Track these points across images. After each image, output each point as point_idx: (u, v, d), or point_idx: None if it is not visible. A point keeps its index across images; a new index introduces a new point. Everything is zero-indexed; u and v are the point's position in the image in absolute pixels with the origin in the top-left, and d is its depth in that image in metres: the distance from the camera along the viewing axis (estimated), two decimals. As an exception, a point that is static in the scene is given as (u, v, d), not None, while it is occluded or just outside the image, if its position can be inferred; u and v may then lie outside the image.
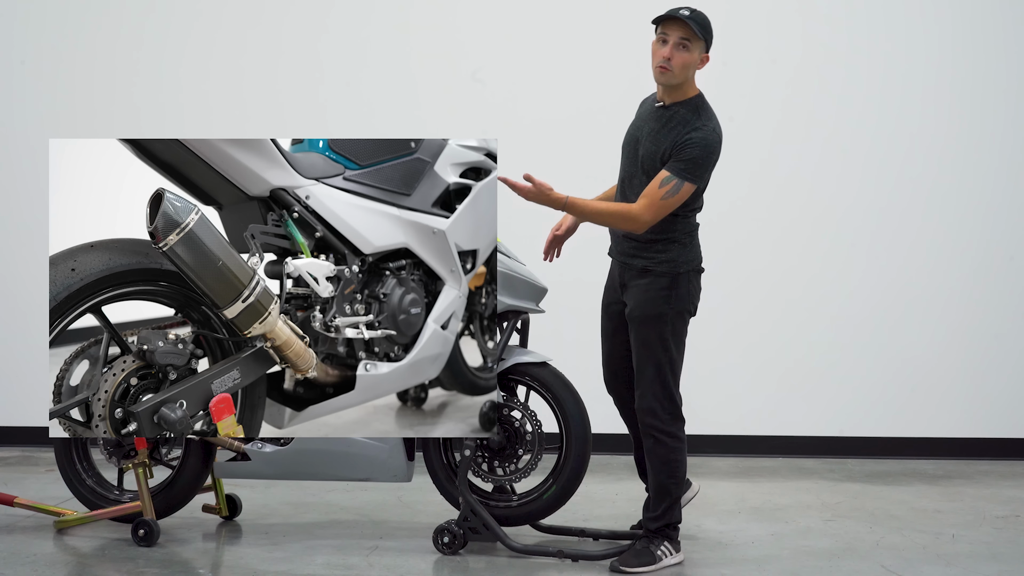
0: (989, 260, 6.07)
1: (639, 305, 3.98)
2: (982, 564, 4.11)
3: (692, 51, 3.87)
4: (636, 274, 4.01)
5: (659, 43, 3.90)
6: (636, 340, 4.01)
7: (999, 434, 6.08)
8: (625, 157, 4.07)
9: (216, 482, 4.62)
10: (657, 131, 3.93)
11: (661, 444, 4.01)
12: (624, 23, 6.12)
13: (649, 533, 4.08)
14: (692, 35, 3.86)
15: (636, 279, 4.01)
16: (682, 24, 3.86)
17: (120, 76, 6.20)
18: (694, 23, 3.85)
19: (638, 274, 4.00)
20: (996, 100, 6.05)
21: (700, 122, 3.89)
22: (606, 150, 6.11)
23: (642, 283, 3.99)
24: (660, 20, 3.90)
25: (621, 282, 4.09)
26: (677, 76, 3.88)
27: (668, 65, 3.86)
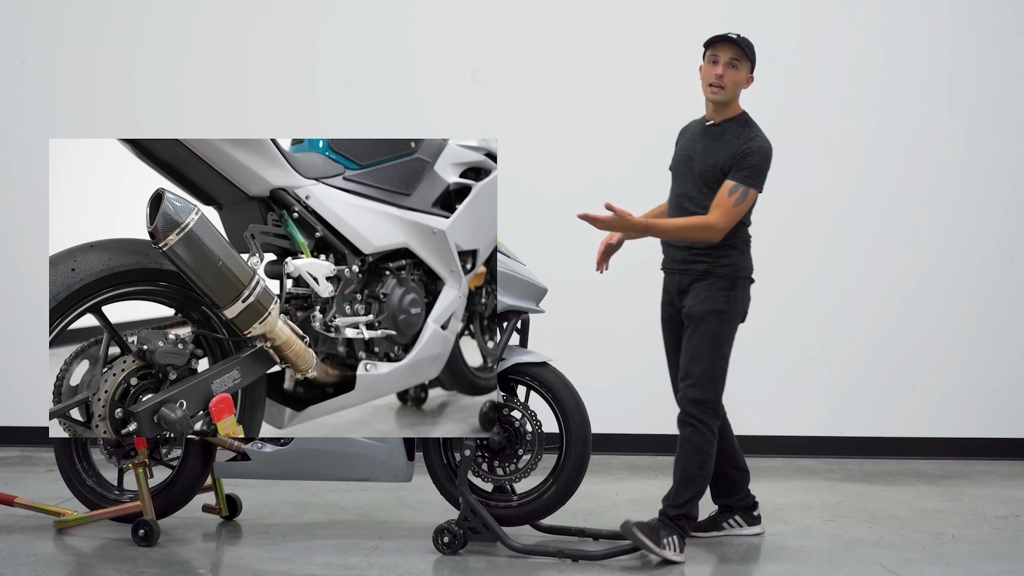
0: (989, 260, 6.08)
1: (700, 302, 4.17)
2: (982, 564, 4.11)
3: (740, 70, 4.16)
4: (698, 277, 4.20)
5: (709, 63, 4.19)
6: (693, 335, 4.17)
7: (999, 434, 6.08)
8: (679, 176, 4.28)
9: (216, 482, 4.62)
10: (711, 147, 4.18)
11: (699, 434, 4.14)
12: (624, 23, 6.13)
13: (665, 520, 4.15)
14: (741, 55, 4.15)
15: (697, 281, 4.20)
16: (732, 45, 4.14)
17: (120, 76, 6.20)
18: (743, 45, 4.14)
19: (699, 276, 4.20)
20: (996, 100, 6.06)
21: (753, 133, 4.16)
22: (606, 150, 6.13)
23: (703, 284, 4.19)
24: (711, 42, 4.18)
25: (680, 289, 4.27)
26: (728, 94, 4.16)
27: (720, 83, 4.14)
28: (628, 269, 6.05)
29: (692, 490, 4.15)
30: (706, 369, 4.14)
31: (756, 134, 4.16)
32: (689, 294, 4.22)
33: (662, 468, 5.79)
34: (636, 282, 5.95)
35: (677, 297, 4.29)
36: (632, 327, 6.07)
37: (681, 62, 6.11)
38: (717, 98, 4.16)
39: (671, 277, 4.33)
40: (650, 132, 6.08)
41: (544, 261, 5.12)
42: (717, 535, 4.43)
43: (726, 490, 4.46)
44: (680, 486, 4.16)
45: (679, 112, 6.17)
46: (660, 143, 6.04)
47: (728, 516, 4.46)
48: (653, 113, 6.10)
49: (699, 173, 4.19)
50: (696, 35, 6.09)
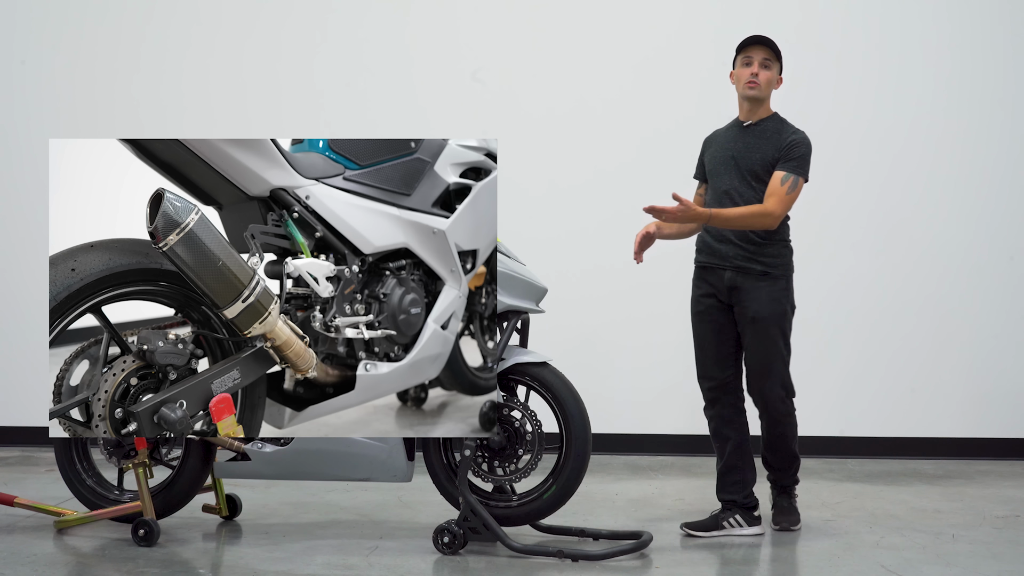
0: (989, 260, 6.08)
1: (764, 306, 4.38)
2: (982, 564, 4.10)
3: (772, 70, 4.43)
4: (756, 278, 4.39)
5: (743, 65, 4.43)
6: (760, 338, 4.39)
7: (999, 434, 6.08)
8: (722, 175, 4.45)
9: (216, 482, 4.62)
10: (755, 144, 4.41)
11: (788, 425, 4.52)
12: (624, 23, 6.13)
13: (784, 491, 4.61)
14: (772, 56, 4.41)
15: (756, 282, 4.39)
16: (764, 47, 4.41)
17: (120, 76, 6.20)
18: (773, 46, 4.41)
19: (758, 277, 4.39)
20: (996, 100, 6.06)
21: (793, 128, 4.44)
22: (606, 150, 6.13)
23: (763, 285, 4.38)
24: (744, 45, 4.43)
25: (731, 286, 4.41)
26: (763, 91, 4.41)
27: (756, 80, 4.39)
28: (629, 270, 6.06)
29: (797, 462, 4.63)
30: (781, 368, 4.44)
31: (796, 129, 4.44)
32: (746, 294, 4.39)
33: (662, 468, 5.80)
34: (637, 282, 5.96)
35: (726, 293, 4.43)
36: (633, 327, 6.08)
37: (680, 61, 6.13)
38: (753, 94, 4.39)
39: (718, 273, 4.44)
40: (647, 129, 6.10)
41: (544, 261, 5.13)
42: (717, 535, 4.44)
43: (734, 487, 4.49)
44: (789, 462, 4.59)
45: (677, 111, 6.19)
46: (655, 139, 6.07)
47: (730, 515, 4.47)
48: (652, 111, 6.10)
49: (747, 169, 4.39)
50: (694, 35, 6.11)
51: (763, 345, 4.39)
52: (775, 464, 4.61)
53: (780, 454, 4.57)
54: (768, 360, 4.40)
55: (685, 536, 4.42)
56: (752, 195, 4.37)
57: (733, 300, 4.42)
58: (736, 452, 4.48)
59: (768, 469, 4.66)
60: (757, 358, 4.41)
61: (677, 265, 5.84)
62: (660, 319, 6.01)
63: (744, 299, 4.38)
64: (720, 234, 4.41)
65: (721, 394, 4.49)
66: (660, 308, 6.00)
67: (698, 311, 4.51)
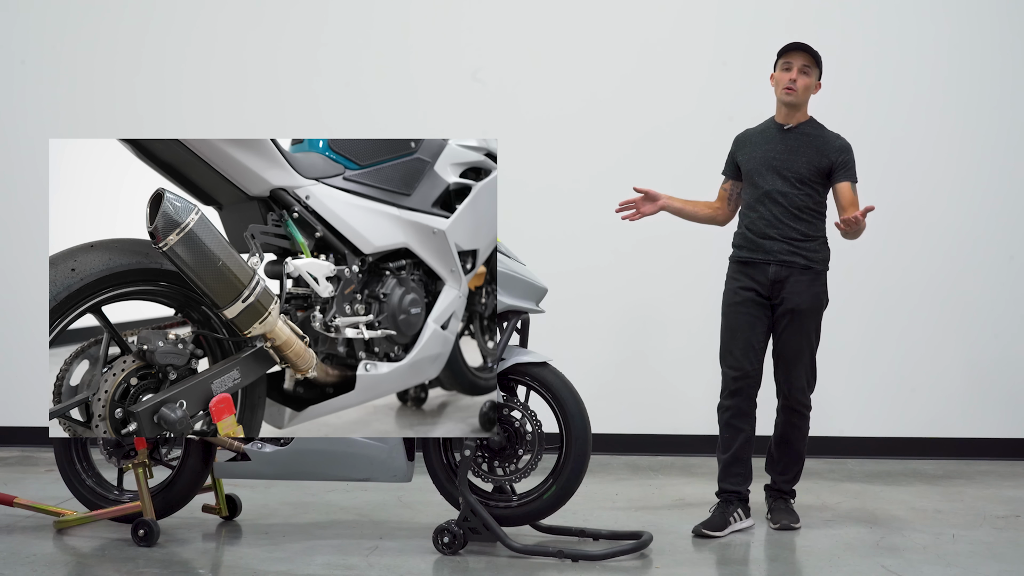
0: (989, 260, 6.08)
1: (807, 300, 4.53)
2: (982, 564, 4.10)
3: (811, 76, 4.55)
4: (799, 271, 4.53)
5: (783, 70, 4.55)
6: (797, 331, 4.55)
7: (999, 434, 6.08)
8: (763, 176, 4.56)
9: (216, 482, 4.62)
10: (798, 148, 4.55)
11: (805, 418, 4.64)
12: (625, 23, 6.13)
13: (783, 494, 4.68)
14: (812, 63, 4.53)
15: (799, 275, 4.53)
16: (804, 53, 4.52)
17: (120, 76, 6.20)
18: (813, 53, 4.52)
19: (801, 271, 4.53)
20: (995, 99, 6.06)
21: (834, 133, 4.60)
22: (605, 149, 6.13)
23: (805, 279, 4.53)
24: (785, 51, 4.55)
25: (775, 279, 4.53)
26: (801, 97, 4.54)
27: (794, 86, 4.52)
28: (629, 271, 6.05)
29: (801, 463, 4.70)
30: (810, 360, 4.59)
31: (837, 134, 4.60)
32: (790, 286, 4.52)
33: (662, 468, 5.80)
34: (637, 283, 5.96)
35: (768, 287, 4.54)
36: (633, 327, 6.07)
37: (680, 59, 6.13)
38: (790, 99, 4.53)
39: (762, 268, 4.55)
40: (647, 128, 6.10)
41: (544, 260, 5.12)
42: (726, 533, 4.46)
43: (737, 478, 4.58)
44: (792, 463, 4.67)
45: (678, 109, 6.18)
46: (656, 138, 6.07)
47: (733, 508, 4.52)
48: (652, 109, 6.10)
49: (791, 171, 4.52)
50: (693, 33, 6.11)
51: (798, 336, 4.55)
52: (780, 462, 4.68)
53: (789, 451, 4.65)
54: (800, 350, 4.56)
55: (697, 538, 4.41)
56: (795, 195, 4.51)
57: (774, 293, 4.54)
58: (745, 446, 4.57)
59: (770, 469, 4.70)
60: (791, 347, 4.56)
61: (677, 263, 5.87)
62: (661, 318, 6.01)
63: (787, 292, 4.53)
64: (763, 231, 4.51)
65: (744, 385, 4.55)
66: (661, 307, 6.00)
67: (735, 302, 4.60)
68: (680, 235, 5.53)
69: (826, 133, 4.59)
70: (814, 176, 4.53)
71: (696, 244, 5.65)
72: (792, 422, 4.63)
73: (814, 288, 4.54)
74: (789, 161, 4.53)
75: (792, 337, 4.56)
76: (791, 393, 4.59)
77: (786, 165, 4.52)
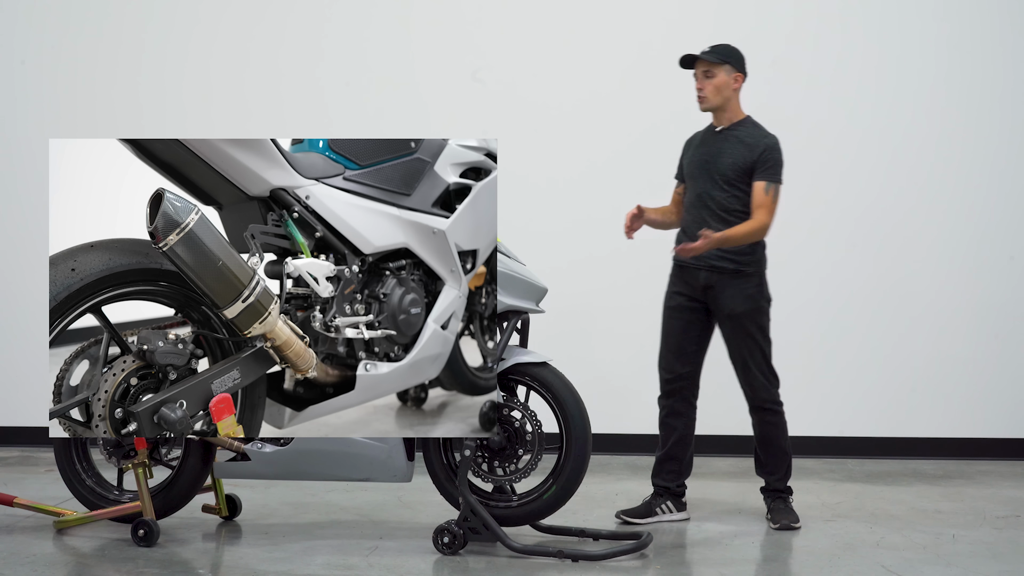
0: (989, 260, 6.07)
1: (740, 303, 4.54)
2: (982, 564, 4.10)
3: (718, 75, 4.51)
4: (729, 276, 4.53)
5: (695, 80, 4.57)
6: (740, 335, 4.57)
7: (999, 434, 6.08)
8: (698, 179, 4.59)
9: (216, 482, 4.62)
10: (726, 149, 4.54)
11: (776, 413, 4.64)
12: (625, 23, 6.13)
13: (779, 493, 4.68)
14: (711, 64, 4.50)
15: (730, 280, 4.53)
16: (696, 60, 4.54)
17: (121, 76, 6.20)
18: (709, 55, 4.50)
19: (731, 276, 4.53)
20: (996, 99, 6.06)
21: (764, 132, 4.56)
22: (606, 149, 6.13)
23: (736, 283, 4.53)
24: (683, 67, 4.58)
25: (707, 284, 4.56)
26: (713, 100, 4.54)
27: (701, 94, 4.54)
28: (630, 272, 6.05)
29: (787, 459, 4.69)
30: (762, 360, 4.59)
31: (766, 133, 4.55)
32: (722, 294, 4.54)
33: (662, 468, 5.79)
34: (638, 284, 5.96)
35: (701, 292, 4.58)
36: (633, 327, 6.07)
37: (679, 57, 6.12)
38: (702, 107, 4.56)
39: (694, 272, 4.59)
40: (647, 127, 6.10)
41: (545, 259, 5.13)
42: (651, 521, 4.63)
43: (671, 475, 4.70)
44: (779, 461, 4.67)
45: (678, 107, 6.17)
46: (656, 137, 6.06)
47: (662, 501, 4.68)
48: (652, 108, 6.10)
49: (719, 173, 4.52)
50: (691, 34, 6.11)
51: (741, 339, 4.57)
52: (767, 462, 4.70)
53: (771, 449, 4.66)
54: (750, 352, 4.57)
55: (621, 524, 4.59)
56: (722, 197, 4.50)
57: (708, 299, 4.58)
58: (678, 443, 4.68)
59: (760, 472, 4.73)
60: (737, 352, 4.60)
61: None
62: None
63: (719, 297, 4.55)
64: (695, 234, 4.50)
65: (676, 387, 4.67)
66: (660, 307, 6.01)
67: (669, 306, 4.69)
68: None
69: (756, 132, 4.54)
70: (739, 177, 4.50)
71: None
72: (765, 420, 4.64)
73: (747, 291, 4.53)
74: (716, 163, 4.53)
75: (737, 341, 4.58)
76: (753, 394, 4.61)
77: (714, 167, 4.53)
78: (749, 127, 4.57)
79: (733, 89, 4.53)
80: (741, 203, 4.50)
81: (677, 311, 4.65)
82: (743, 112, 4.59)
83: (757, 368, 4.58)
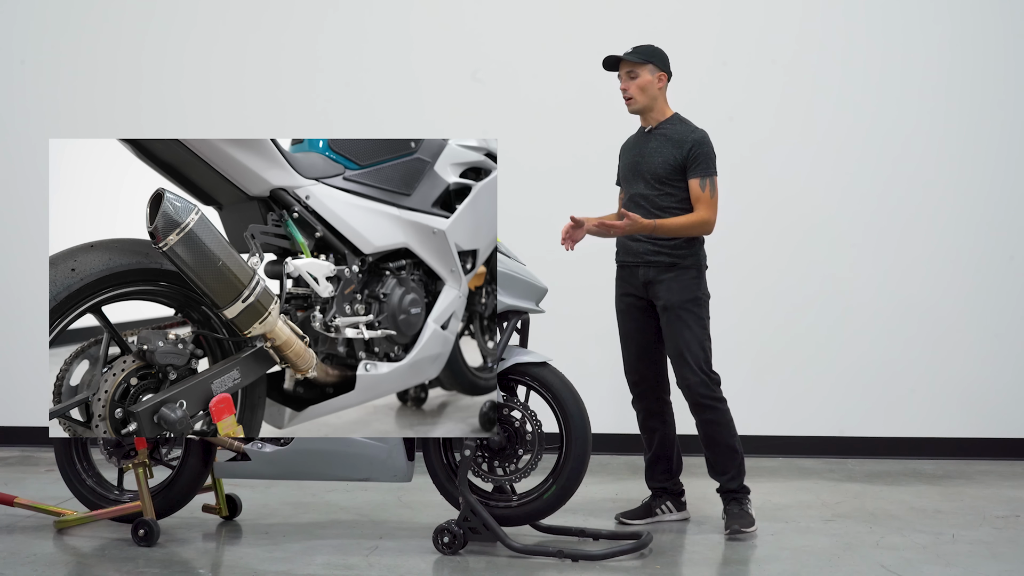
0: (989, 260, 6.08)
1: (676, 293, 4.48)
2: (982, 564, 4.10)
3: (641, 75, 4.50)
4: (664, 269, 4.49)
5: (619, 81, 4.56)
6: (676, 326, 4.48)
7: (999, 434, 6.08)
8: (630, 181, 4.60)
9: (216, 482, 4.62)
10: (656, 149, 4.51)
11: (716, 410, 4.48)
12: (625, 23, 6.13)
13: (733, 494, 4.53)
14: (634, 64, 4.49)
15: (665, 273, 4.49)
16: (618, 62, 4.54)
17: (120, 76, 6.20)
18: (631, 55, 4.48)
19: (666, 269, 4.49)
20: (996, 99, 6.06)
21: (691, 127, 4.52)
22: (606, 148, 6.12)
23: (672, 275, 4.48)
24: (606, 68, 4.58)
25: (645, 280, 4.53)
26: (640, 100, 4.52)
27: (627, 95, 4.52)
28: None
29: (738, 458, 4.52)
30: (699, 353, 4.47)
31: (694, 128, 4.52)
32: (660, 286, 4.50)
33: (662, 468, 5.79)
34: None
35: (643, 289, 4.55)
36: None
37: (681, 58, 6.12)
38: (630, 108, 4.55)
39: (632, 270, 4.58)
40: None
41: (547, 259, 5.12)
42: (650, 521, 4.63)
43: (663, 475, 4.70)
44: (727, 460, 4.51)
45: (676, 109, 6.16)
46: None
47: (661, 502, 4.68)
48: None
49: (651, 172, 4.50)
50: (693, 34, 6.11)
51: (676, 331, 4.48)
52: (715, 462, 4.55)
53: (717, 448, 4.51)
54: (683, 345, 4.47)
55: (619, 525, 4.59)
56: (655, 196, 4.49)
57: (650, 294, 4.55)
58: (663, 442, 4.66)
59: (711, 472, 4.60)
60: (673, 344, 4.50)
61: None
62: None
63: (657, 290, 4.51)
64: (633, 237, 4.52)
65: (645, 388, 4.64)
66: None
67: (620, 309, 4.68)
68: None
69: (682, 128, 4.51)
70: (671, 174, 4.47)
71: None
72: (704, 418, 4.49)
73: (682, 282, 4.47)
74: (647, 163, 4.51)
75: (672, 334, 4.48)
76: (691, 389, 4.46)
77: (646, 167, 4.51)
78: (676, 124, 4.53)
79: (658, 88, 4.51)
80: (674, 200, 4.46)
81: (628, 312, 4.62)
82: (670, 110, 4.56)
83: (694, 361, 4.43)
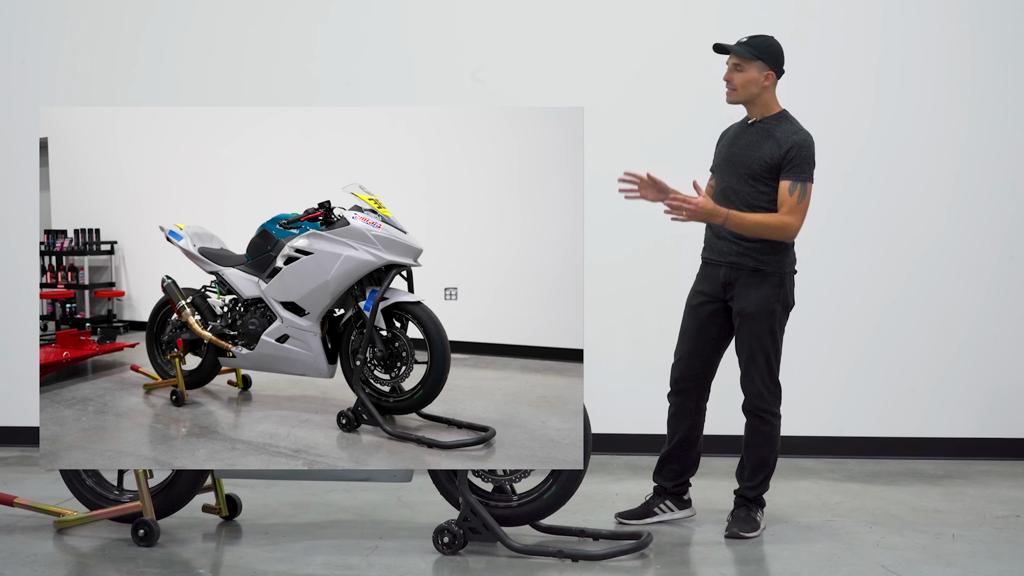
0: (989, 260, 6.07)
1: (754, 303, 4.42)
2: (982, 564, 4.10)
3: (747, 71, 4.39)
4: (747, 273, 4.43)
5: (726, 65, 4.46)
6: (748, 334, 4.44)
7: (999, 434, 6.08)
8: (724, 172, 4.50)
9: (216, 482, 4.62)
10: (755, 143, 4.42)
11: (767, 423, 4.49)
12: (625, 23, 6.13)
13: (746, 501, 4.53)
14: (742, 58, 4.39)
15: (747, 278, 4.43)
16: (727, 53, 4.43)
17: (120, 78, 6.20)
18: (742, 48, 4.39)
19: (749, 274, 4.43)
20: (996, 99, 6.06)
21: (794, 128, 4.41)
22: (606, 148, 6.13)
23: (754, 282, 4.42)
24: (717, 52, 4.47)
25: (726, 282, 4.47)
26: (740, 94, 4.42)
27: (728, 85, 4.42)
28: (633, 276, 6.05)
29: (766, 471, 4.52)
30: (764, 365, 4.45)
31: (797, 128, 4.40)
32: (739, 290, 4.44)
33: (662, 468, 5.79)
34: (640, 287, 5.96)
35: (722, 289, 4.49)
36: (634, 327, 6.07)
37: (681, 59, 6.12)
38: (729, 99, 4.44)
39: (716, 269, 4.51)
40: (649, 127, 6.09)
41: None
42: (650, 521, 4.62)
43: (671, 474, 4.68)
44: (755, 469, 4.52)
45: (676, 110, 6.18)
46: (658, 137, 6.06)
47: (660, 501, 4.66)
48: (654, 109, 6.10)
49: (746, 167, 4.41)
50: (694, 33, 6.11)
51: (747, 340, 4.45)
52: (746, 468, 4.57)
53: (752, 455, 4.53)
54: (752, 354, 4.45)
55: (618, 525, 4.58)
56: (746, 192, 4.39)
57: (728, 296, 4.48)
58: (682, 444, 4.63)
59: (738, 476, 4.62)
60: (742, 351, 4.48)
61: (677, 264, 5.85)
62: (662, 317, 6.00)
63: (736, 295, 4.45)
64: (718, 231, 4.44)
65: (686, 385, 4.60)
66: (662, 307, 6.00)
67: (691, 304, 4.61)
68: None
69: (787, 128, 4.40)
70: (766, 172, 4.37)
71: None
72: (753, 426, 4.51)
73: (763, 291, 4.40)
74: (745, 156, 4.41)
75: (743, 340, 4.45)
76: (748, 398, 4.48)
77: (742, 161, 4.41)
78: (780, 121, 4.42)
79: (762, 87, 4.40)
80: (768, 199, 4.36)
81: (696, 310, 4.56)
82: (778, 106, 4.45)
83: (757, 373, 4.44)
